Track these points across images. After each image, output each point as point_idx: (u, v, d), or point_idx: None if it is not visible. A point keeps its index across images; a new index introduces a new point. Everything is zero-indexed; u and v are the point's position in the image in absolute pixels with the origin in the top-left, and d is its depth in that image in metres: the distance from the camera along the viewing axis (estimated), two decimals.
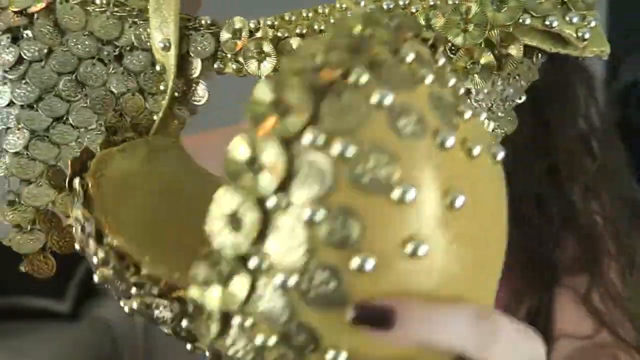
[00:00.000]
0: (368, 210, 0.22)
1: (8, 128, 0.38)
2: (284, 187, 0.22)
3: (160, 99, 0.40)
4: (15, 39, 0.39)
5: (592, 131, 0.63)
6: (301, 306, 0.23)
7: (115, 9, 0.40)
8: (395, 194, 0.22)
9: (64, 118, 0.39)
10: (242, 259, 0.23)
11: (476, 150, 0.24)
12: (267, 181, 0.22)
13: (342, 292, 0.22)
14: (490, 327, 0.25)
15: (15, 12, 0.38)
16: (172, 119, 0.40)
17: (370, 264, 0.22)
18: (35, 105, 0.39)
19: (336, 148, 0.22)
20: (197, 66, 0.40)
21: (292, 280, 0.22)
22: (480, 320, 0.25)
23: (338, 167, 0.22)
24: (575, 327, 0.58)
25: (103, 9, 0.39)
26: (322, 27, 0.39)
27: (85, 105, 0.39)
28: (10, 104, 0.39)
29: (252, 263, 0.22)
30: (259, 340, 0.23)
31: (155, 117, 0.40)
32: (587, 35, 0.34)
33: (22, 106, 0.39)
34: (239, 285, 0.23)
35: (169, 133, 0.40)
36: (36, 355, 2.02)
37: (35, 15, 0.39)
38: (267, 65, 0.39)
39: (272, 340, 0.23)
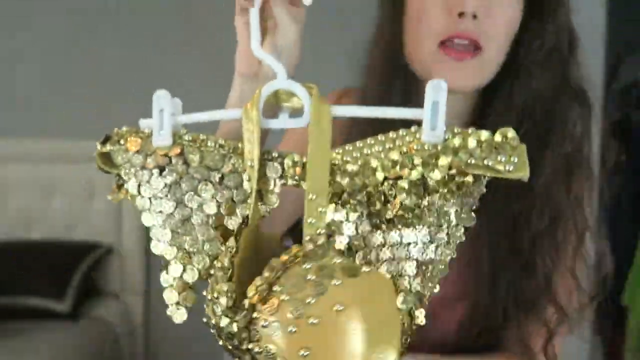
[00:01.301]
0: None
1: (163, 228, 0.62)
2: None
3: (248, 201, 0.63)
4: (160, 171, 0.62)
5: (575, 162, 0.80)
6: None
7: (220, 148, 0.63)
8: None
9: (190, 219, 0.63)
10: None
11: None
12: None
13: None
14: None
15: (161, 155, 0.62)
16: (258, 212, 0.64)
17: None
18: (173, 212, 0.62)
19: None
20: (271, 182, 0.64)
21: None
22: None
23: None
24: None
25: (212, 149, 0.63)
26: (347, 158, 0.63)
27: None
28: (160, 212, 0.62)
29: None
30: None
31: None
32: (511, 168, 0.57)
33: (166, 214, 0.62)
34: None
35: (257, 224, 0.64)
36: (36, 355, 2.15)
37: (172, 157, 0.62)
38: None
39: None
